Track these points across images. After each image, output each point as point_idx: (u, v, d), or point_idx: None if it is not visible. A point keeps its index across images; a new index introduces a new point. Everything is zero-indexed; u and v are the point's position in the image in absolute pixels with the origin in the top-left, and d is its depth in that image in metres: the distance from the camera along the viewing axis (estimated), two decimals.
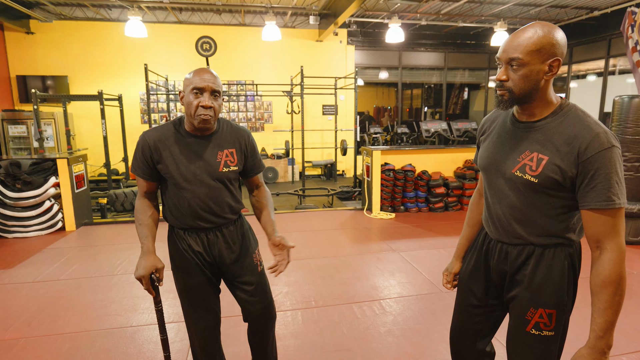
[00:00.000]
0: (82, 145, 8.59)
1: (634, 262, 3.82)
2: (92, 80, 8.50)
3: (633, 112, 4.22)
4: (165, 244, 1.75)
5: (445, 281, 1.61)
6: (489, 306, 1.46)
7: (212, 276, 1.68)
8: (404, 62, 10.26)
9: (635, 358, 2.32)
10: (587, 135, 1.08)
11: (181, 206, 1.57)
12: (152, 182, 1.59)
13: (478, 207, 1.53)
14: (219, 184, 1.57)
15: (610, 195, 1.07)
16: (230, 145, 1.60)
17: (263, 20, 8.26)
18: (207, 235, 1.62)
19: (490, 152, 1.31)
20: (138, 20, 6.73)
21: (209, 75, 1.46)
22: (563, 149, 1.11)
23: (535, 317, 1.25)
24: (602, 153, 1.06)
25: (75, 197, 4.95)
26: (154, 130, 1.55)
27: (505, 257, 1.32)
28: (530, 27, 1.12)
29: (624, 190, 1.08)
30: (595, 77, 9.39)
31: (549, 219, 1.20)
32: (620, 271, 1.08)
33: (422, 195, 5.80)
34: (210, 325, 1.71)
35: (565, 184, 1.12)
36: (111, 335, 2.58)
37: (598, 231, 1.11)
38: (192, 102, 1.45)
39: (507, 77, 1.14)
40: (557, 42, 1.10)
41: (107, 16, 8.40)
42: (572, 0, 7.75)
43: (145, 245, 1.53)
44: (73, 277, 3.50)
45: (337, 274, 3.51)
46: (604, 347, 1.12)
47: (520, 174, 1.18)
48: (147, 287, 1.50)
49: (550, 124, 1.16)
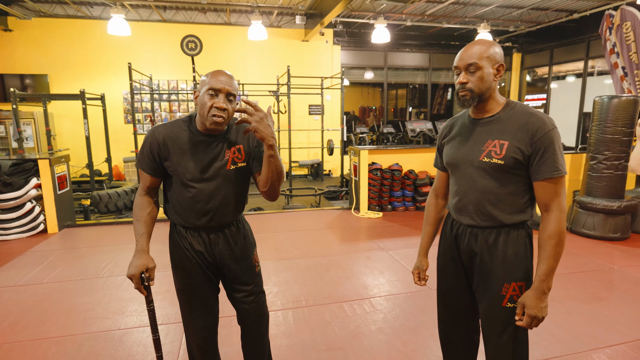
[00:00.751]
0: (63, 145, 8.38)
1: (614, 258, 3.94)
2: (73, 79, 8.31)
3: (612, 112, 4.34)
4: (165, 244, 1.73)
5: (416, 279, 1.74)
6: (467, 291, 1.59)
7: (212, 276, 1.66)
8: (390, 63, 10.34)
9: (618, 350, 2.39)
10: (536, 121, 1.35)
11: (185, 204, 1.55)
12: (157, 178, 1.58)
13: (436, 206, 1.72)
14: (225, 182, 1.56)
15: (557, 166, 1.33)
16: (237, 142, 1.59)
17: (249, 19, 8.22)
18: (209, 235, 1.60)
19: (457, 149, 1.50)
20: (121, 19, 6.61)
21: (225, 77, 1.47)
22: (518, 134, 1.36)
23: (509, 291, 1.43)
24: (548, 133, 1.33)
25: (57, 199, 4.84)
26: (163, 127, 1.54)
27: (475, 238, 1.48)
28: (477, 42, 1.39)
29: (564, 161, 1.36)
30: (574, 78, 9.64)
31: (513, 197, 1.41)
32: (561, 226, 1.33)
33: (409, 194, 5.86)
34: (208, 325, 1.70)
35: (524, 162, 1.36)
36: (98, 339, 2.53)
37: (547, 197, 1.36)
38: (207, 103, 1.45)
39: (467, 80, 1.38)
40: (499, 52, 1.39)
41: (88, 14, 8.22)
42: (553, 3, 7.94)
43: (140, 244, 1.52)
44: (57, 280, 3.42)
45: (326, 273, 3.51)
46: (545, 289, 1.34)
47: (487, 159, 1.40)
48: (137, 287, 1.48)
49: (503, 117, 1.41)
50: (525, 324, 1.36)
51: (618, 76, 7.63)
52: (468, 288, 1.59)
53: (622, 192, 4.51)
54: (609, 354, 2.35)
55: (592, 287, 3.25)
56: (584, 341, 2.48)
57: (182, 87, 8.98)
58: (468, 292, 1.59)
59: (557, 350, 2.39)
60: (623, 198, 4.48)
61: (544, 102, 10.40)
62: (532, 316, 1.34)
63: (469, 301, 1.60)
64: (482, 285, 1.49)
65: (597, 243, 4.39)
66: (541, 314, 1.34)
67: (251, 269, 1.70)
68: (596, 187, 4.53)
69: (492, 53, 1.37)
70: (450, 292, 1.64)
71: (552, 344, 2.45)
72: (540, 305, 1.34)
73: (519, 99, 11.19)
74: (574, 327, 2.65)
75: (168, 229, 1.72)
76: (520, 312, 1.37)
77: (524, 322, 1.36)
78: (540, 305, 1.34)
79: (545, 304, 1.35)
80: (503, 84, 11.55)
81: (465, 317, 1.63)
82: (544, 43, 10.07)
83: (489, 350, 1.51)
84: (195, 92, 1.53)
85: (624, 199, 4.47)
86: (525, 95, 11.09)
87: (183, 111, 9.10)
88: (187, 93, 8.88)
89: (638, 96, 4.39)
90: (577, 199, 4.70)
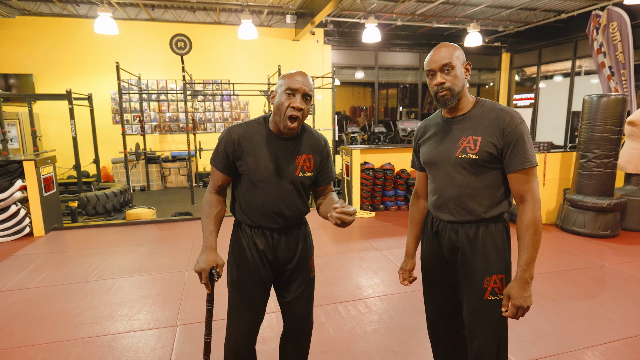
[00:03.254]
0: (49, 146, 8.21)
1: (605, 255, 3.98)
2: (59, 78, 8.15)
3: (602, 111, 4.39)
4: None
5: (401, 279, 1.78)
6: (451, 287, 1.62)
7: (268, 277, 1.66)
8: (380, 62, 10.34)
9: (612, 347, 2.40)
10: (505, 116, 1.42)
11: (253, 204, 1.58)
12: (228, 176, 1.62)
13: (418, 207, 1.76)
14: (292, 187, 1.59)
15: (528, 157, 1.39)
16: (309, 151, 1.62)
17: (239, 18, 8.14)
18: (273, 235, 1.62)
19: (434, 148, 1.55)
20: (108, 17, 6.49)
21: (302, 77, 1.51)
22: (490, 129, 1.42)
23: (490, 284, 1.47)
24: (517, 127, 1.40)
25: (43, 201, 4.72)
26: (239, 127, 1.58)
27: (456, 233, 1.52)
28: (443, 45, 1.45)
29: (534, 152, 1.42)
30: (562, 78, 9.75)
31: (490, 190, 1.47)
32: (537, 216, 1.39)
33: (402, 193, 5.86)
34: (252, 331, 1.68)
35: (498, 155, 1.42)
36: (87, 345, 2.46)
37: (521, 188, 1.42)
38: (284, 103, 1.48)
39: (445, 80, 1.43)
40: (462, 52, 1.47)
41: (74, 12, 8.06)
42: (541, 3, 8.01)
43: (209, 241, 1.55)
44: (44, 285, 3.33)
45: (321, 274, 3.48)
46: (527, 278, 1.39)
47: (463, 155, 1.45)
48: (205, 281, 1.50)
49: (474, 114, 1.47)
50: (511, 314, 1.40)
51: (605, 75, 7.74)
52: (452, 284, 1.61)
53: (611, 190, 4.56)
54: (603, 352, 2.36)
55: (584, 285, 3.27)
56: (579, 339, 2.49)
57: (171, 87, 8.86)
58: (452, 288, 1.62)
59: (552, 349, 2.39)
60: (612, 196, 4.53)
61: (533, 102, 10.50)
62: (518, 306, 1.38)
63: (454, 297, 1.63)
64: (464, 279, 1.52)
65: (588, 241, 4.43)
66: (526, 303, 1.38)
67: (306, 273, 1.71)
68: (586, 185, 4.58)
69: (459, 53, 1.45)
70: (435, 289, 1.68)
71: (547, 342, 2.45)
72: (524, 294, 1.38)
73: (508, 98, 11.29)
74: (568, 325, 2.66)
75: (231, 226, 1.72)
76: (506, 304, 1.41)
77: (510, 312, 1.40)
78: (524, 295, 1.38)
79: (529, 293, 1.39)
80: (492, 84, 11.65)
81: (452, 313, 1.66)
82: (532, 43, 10.17)
83: (472, 343, 1.53)
84: (272, 92, 1.57)
85: (614, 196, 4.52)
86: (514, 95, 11.19)
87: (172, 111, 8.98)
88: (176, 93, 8.77)
89: (626, 95, 4.44)
90: (568, 197, 4.74)
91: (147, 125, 8.81)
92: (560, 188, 5.18)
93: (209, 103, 9.20)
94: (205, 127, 9.20)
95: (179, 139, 9.10)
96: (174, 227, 5.10)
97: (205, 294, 1.59)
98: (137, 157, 7.73)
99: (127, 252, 4.14)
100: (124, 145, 6.72)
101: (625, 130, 4.78)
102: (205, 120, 9.21)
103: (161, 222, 5.34)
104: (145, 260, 3.92)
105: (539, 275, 3.45)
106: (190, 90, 8.37)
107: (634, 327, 2.62)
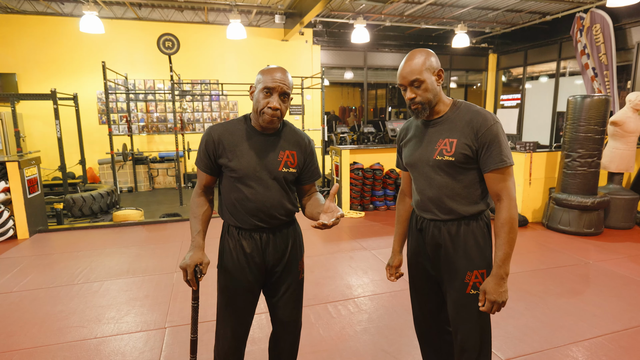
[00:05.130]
0: (33, 147, 8.06)
1: (589, 253, 4.06)
2: (44, 78, 8.00)
3: (585, 111, 4.47)
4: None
5: (388, 275, 1.82)
6: (436, 284, 1.65)
7: (256, 281, 1.64)
8: (369, 63, 10.39)
9: (596, 343, 2.45)
10: (479, 117, 1.44)
11: (238, 202, 1.57)
12: (212, 176, 1.63)
13: (404, 205, 1.79)
14: (276, 183, 1.58)
15: (502, 157, 1.42)
16: (292, 147, 1.62)
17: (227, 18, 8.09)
18: (261, 236, 1.61)
19: (414, 150, 1.59)
20: (94, 16, 6.40)
21: (280, 74, 1.49)
22: (465, 130, 1.45)
23: (472, 279, 1.50)
24: (491, 128, 1.42)
25: (27, 203, 4.64)
26: (219, 125, 1.60)
27: (439, 231, 1.55)
28: (413, 55, 1.45)
29: (510, 152, 1.44)
30: (547, 79, 9.92)
31: (468, 190, 1.50)
32: (512, 214, 1.42)
33: (391, 193, 5.89)
34: (240, 336, 1.68)
35: (473, 156, 1.46)
36: (73, 349, 2.42)
37: (497, 187, 1.45)
38: (261, 102, 1.49)
39: (415, 95, 1.46)
40: (434, 59, 1.47)
41: (59, 11, 7.93)
42: (527, 5, 8.13)
43: (196, 241, 1.56)
44: (28, 289, 3.26)
45: (310, 274, 3.48)
46: (502, 274, 1.42)
47: (440, 157, 1.49)
48: (190, 277, 1.50)
49: (451, 116, 1.50)
50: (487, 309, 1.43)
51: (589, 76, 7.89)
52: (436, 281, 1.64)
53: (595, 188, 4.65)
54: (588, 347, 2.41)
55: (569, 282, 3.33)
56: (564, 335, 2.54)
57: (159, 87, 8.77)
58: (437, 284, 1.65)
59: (538, 345, 2.43)
60: (596, 194, 4.63)
61: (519, 102, 10.66)
62: (492, 301, 1.42)
63: (439, 293, 1.66)
64: (447, 275, 1.55)
65: (573, 238, 4.52)
66: (501, 299, 1.42)
67: (295, 275, 1.69)
68: (571, 184, 4.66)
69: (430, 63, 1.45)
70: (420, 286, 1.71)
71: (533, 339, 2.50)
72: (499, 290, 1.41)
73: (495, 99, 11.44)
74: (554, 321, 2.71)
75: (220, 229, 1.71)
76: (482, 299, 1.45)
77: (485, 307, 1.44)
78: (499, 290, 1.41)
79: (504, 289, 1.42)
80: (479, 84, 11.79)
81: (437, 309, 1.70)
82: (518, 44, 10.33)
83: (457, 338, 1.56)
84: (251, 87, 1.57)
85: (597, 195, 4.62)
86: (501, 95, 11.34)
87: (160, 111, 8.89)
88: (164, 93, 8.69)
89: (609, 95, 4.53)
90: (553, 195, 4.83)
91: (134, 126, 8.71)
92: (545, 187, 5.27)
93: (197, 103, 9.12)
94: (194, 128, 9.13)
95: (167, 140, 9.02)
96: (162, 229, 5.05)
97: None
98: (124, 158, 7.63)
99: (115, 254, 4.09)
100: (110, 146, 6.63)
101: (608, 130, 4.88)
102: (193, 121, 9.14)
103: (149, 223, 5.28)
104: (133, 262, 3.87)
105: (526, 272, 3.51)
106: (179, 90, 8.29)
107: (617, 323, 2.68)
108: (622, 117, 4.76)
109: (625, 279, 3.40)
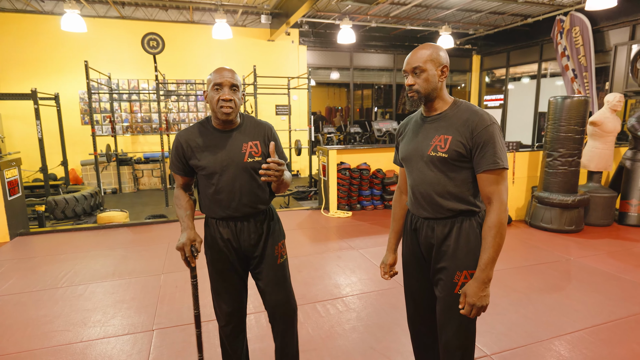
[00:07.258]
0: (12, 148, 7.86)
1: (570, 249, 4.17)
2: (23, 77, 7.81)
3: (566, 111, 4.59)
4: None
5: (382, 272, 1.82)
6: (430, 283, 1.65)
7: (239, 265, 1.79)
8: (355, 63, 10.44)
9: (577, 337, 2.53)
10: (476, 117, 1.45)
11: (210, 196, 1.71)
12: (187, 177, 1.78)
13: (400, 203, 1.79)
14: (245, 174, 1.69)
15: (495, 159, 1.41)
16: (254, 138, 1.73)
17: (213, 18, 8.04)
18: (236, 224, 1.74)
19: (410, 144, 1.61)
20: (76, 14, 6.28)
21: (226, 72, 1.65)
22: (461, 129, 1.46)
23: (461, 279, 1.50)
24: (487, 128, 1.42)
25: (8, 205, 4.53)
26: (184, 131, 1.74)
27: (432, 230, 1.56)
28: (423, 46, 1.50)
29: (505, 155, 1.44)
30: (529, 80, 10.13)
31: (459, 188, 1.50)
32: (500, 218, 1.41)
33: (377, 193, 5.94)
34: (232, 312, 1.81)
35: (467, 155, 1.46)
36: (59, 353, 2.38)
37: (489, 190, 1.44)
38: (214, 97, 1.62)
39: (414, 82, 1.49)
40: (443, 55, 1.50)
41: (39, 8, 7.75)
42: (509, 8, 8.30)
43: (185, 223, 1.70)
44: (10, 293, 3.19)
45: (298, 274, 3.49)
46: (485, 279, 1.41)
47: (434, 153, 1.50)
48: (188, 256, 1.62)
49: (449, 114, 1.51)
50: (466, 312, 1.43)
51: (569, 78, 8.10)
52: (430, 280, 1.65)
53: (575, 187, 4.78)
54: (569, 340, 2.48)
55: (552, 278, 3.42)
56: (546, 329, 2.61)
57: (143, 87, 8.66)
58: (430, 284, 1.65)
59: (522, 340, 2.49)
60: (577, 193, 4.75)
61: (502, 103, 10.86)
62: (472, 304, 1.41)
63: (432, 293, 1.66)
64: (438, 274, 1.56)
65: (554, 236, 4.63)
66: (480, 303, 1.40)
67: (273, 259, 1.79)
68: (552, 182, 4.78)
69: (436, 56, 1.48)
70: (414, 285, 1.72)
71: (517, 334, 2.56)
72: (479, 294, 1.40)
73: (479, 99, 11.63)
74: (537, 316, 2.78)
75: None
76: (462, 301, 1.44)
77: (465, 310, 1.43)
78: (479, 294, 1.40)
79: (486, 294, 1.41)
80: (463, 85, 11.97)
81: (430, 309, 1.70)
82: (501, 46, 10.53)
83: (442, 337, 1.59)
84: (204, 93, 1.71)
85: (578, 193, 4.74)
86: (484, 96, 11.53)
87: (145, 112, 8.77)
88: (148, 93, 8.57)
89: (588, 96, 4.66)
90: (535, 194, 4.94)
91: (118, 126, 8.58)
92: (528, 186, 5.39)
93: (182, 103, 9.04)
94: (179, 128, 9.03)
95: (152, 140, 8.90)
96: (148, 230, 4.99)
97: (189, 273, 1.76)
98: (108, 159, 7.51)
99: (100, 257, 4.02)
100: (94, 147, 6.52)
101: (588, 130, 5.02)
102: (179, 121, 9.05)
103: (134, 225, 5.21)
104: (119, 264, 3.82)
105: (510, 269, 3.59)
106: (164, 90, 8.20)
107: (597, 317, 2.76)
108: (601, 117, 4.91)
109: (605, 274, 3.51)
